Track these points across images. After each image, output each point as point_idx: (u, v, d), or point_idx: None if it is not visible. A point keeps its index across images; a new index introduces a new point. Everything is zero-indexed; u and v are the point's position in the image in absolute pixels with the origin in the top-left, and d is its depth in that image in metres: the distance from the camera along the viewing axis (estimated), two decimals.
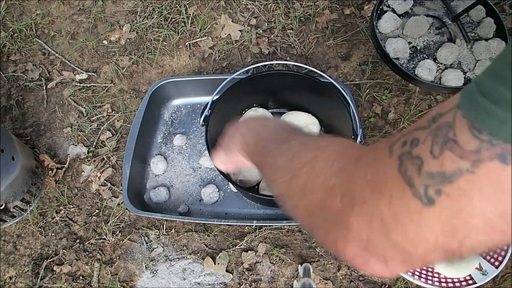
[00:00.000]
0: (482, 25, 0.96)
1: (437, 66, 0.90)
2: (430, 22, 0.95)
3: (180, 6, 1.51)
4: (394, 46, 0.90)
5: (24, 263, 1.14)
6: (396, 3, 0.97)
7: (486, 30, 0.95)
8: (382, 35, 0.94)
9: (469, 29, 0.95)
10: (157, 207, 1.18)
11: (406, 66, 0.91)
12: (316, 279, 1.05)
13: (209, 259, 1.09)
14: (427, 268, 1.01)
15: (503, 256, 0.99)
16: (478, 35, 0.95)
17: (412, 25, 0.93)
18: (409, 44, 0.93)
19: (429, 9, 0.97)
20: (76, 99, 1.39)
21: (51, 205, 1.21)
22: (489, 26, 0.96)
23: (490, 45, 0.92)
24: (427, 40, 0.94)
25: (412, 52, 0.92)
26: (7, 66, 1.48)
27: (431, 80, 0.88)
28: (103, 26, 1.53)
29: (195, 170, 1.22)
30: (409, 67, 0.91)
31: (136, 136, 1.15)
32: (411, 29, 0.93)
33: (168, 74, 1.41)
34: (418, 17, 0.94)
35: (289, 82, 1.09)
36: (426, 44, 0.93)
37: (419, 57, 0.92)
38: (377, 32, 0.93)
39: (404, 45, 0.91)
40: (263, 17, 1.48)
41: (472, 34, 0.95)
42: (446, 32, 0.94)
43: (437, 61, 0.91)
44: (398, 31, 0.95)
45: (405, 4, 0.97)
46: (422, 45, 0.93)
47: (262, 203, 1.14)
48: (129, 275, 1.11)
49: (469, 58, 0.91)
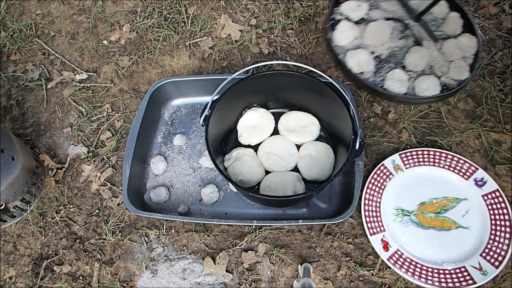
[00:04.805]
0: (447, 21, 0.84)
1: (408, 75, 0.78)
2: (392, 26, 0.82)
3: (180, 6, 1.51)
4: (356, 59, 0.78)
5: (24, 263, 1.14)
6: (349, 10, 0.83)
7: (453, 27, 0.84)
8: (339, 48, 0.80)
9: (434, 28, 0.84)
10: (157, 207, 1.18)
11: (373, 80, 0.78)
12: (316, 279, 1.05)
13: (209, 259, 1.09)
14: (427, 268, 1.01)
15: (503, 256, 0.99)
16: (445, 33, 0.84)
17: (373, 32, 0.80)
18: (372, 54, 0.80)
19: (387, 12, 0.84)
20: (76, 99, 1.39)
21: (51, 205, 1.21)
22: (455, 22, 0.84)
23: (460, 42, 0.81)
24: (391, 46, 0.81)
25: (377, 63, 0.79)
26: (7, 66, 1.48)
27: (404, 92, 0.76)
28: (103, 26, 1.53)
29: (195, 170, 1.22)
30: (376, 81, 0.78)
31: (136, 136, 1.15)
32: (372, 37, 0.80)
33: (168, 74, 1.41)
34: (377, 22, 0.81)
35: (289, 82, 1.09)
36: (391, 51, 0.81)
37: (386, 68, 0.79)
38: (333, 45, 0.80)
39: (367, 57, 0.78)
40: (263, 17, 1.48)
41: (438, 33, 0.83)
42: (411, 34, 0.82)
43: (406, 69, 0.79)
44: (357, 41, 0.81)
45: (359, 9, 0.83)
46: (386, 53, 0.81)
47: (262, 203, 1.14)
48: (129, 275, 1.11)
49: (441, 61, 0.80)
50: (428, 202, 1.09)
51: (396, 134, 1.22)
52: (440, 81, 0.77)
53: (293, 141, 1.16)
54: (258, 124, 1.19)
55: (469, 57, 0.79)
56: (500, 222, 1.03)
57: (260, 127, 1.19)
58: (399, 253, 1.03)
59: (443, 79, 0.78)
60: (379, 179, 1.12)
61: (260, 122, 1.19)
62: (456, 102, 1.25)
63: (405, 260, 1.02)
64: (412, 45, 0.82)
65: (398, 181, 1.12)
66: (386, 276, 1.04)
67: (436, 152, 1.13)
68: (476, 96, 1.25)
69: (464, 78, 0.76)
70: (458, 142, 1.18)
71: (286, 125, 1.18)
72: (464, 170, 1.10)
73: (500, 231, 1.02)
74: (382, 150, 1.20)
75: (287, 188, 1.08)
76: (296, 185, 1.08)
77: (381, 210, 1.09)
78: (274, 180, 1.10)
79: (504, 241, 1.01)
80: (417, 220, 1.08)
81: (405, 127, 1.22)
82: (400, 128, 1.23)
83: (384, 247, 1.04)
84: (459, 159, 1.11)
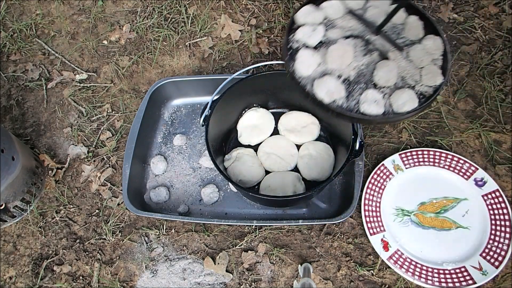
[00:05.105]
0: (408, 27, 0.79)
1: (381, 93, 0.73)
2: (353, 43, 0.77)
3: (180, 6, 1.51)
4: (325, 88, 0.72)
5: (24, 263, 1.14)
6: (306, 36, 0.78)
7: (414, 31, 0.79)
8: (305, 79, 0.74)
9: (396, 36, 0.79)
10: (157, 207, 1.18)
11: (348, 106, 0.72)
12: (316, 279, 1.05)
13: (209, 259, 1.09)
14: (427, 268, 1.01)
15: (503, 256, 0.99)
16: (408, 39, 0.79)
17: (335, 55, 0.75)
18: (340, 78, 0.74)
19: (345, 29, 0.79)
20: (76, 99, 1.39)
21: (51, 205, 1.21)
22: (416, 25, 0.79)
23: (425, 46, 0.77)
24: (357, 66, 0.75)
25: (347, 87, 0.73)
26: (7, 66, 1.48)
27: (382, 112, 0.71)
28: (103, 26, 1.53)
29: (195, 170, 1.22)
30: (351, 106, 0.72)
31: (136, 136, 1.15)
32: (336, 60, 0.75)
33: (168, 74, 1.41)
34: (338, 44, 0.76)
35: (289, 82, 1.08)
36: (358, 71, 0.75)
37: (357, 90, 0.73)
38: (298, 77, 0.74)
39: (336, 82, 0.73)
40: (263, 17, 1.48)
41: (401, 40, 0.78)
42: (374, 49, 0.77)
43: (378, 87, 0.74)
44: (321, 67, 0.75)
45: (316, 33, 0.78)
46: (354, 73, 0.75)
47: (262, 203, 1.14)
48: (129, 275, 1.11)
49: (411, 69, 0.75)
50: (428, 202, 1.09)
51: (396, 134, 1.22)
52: (416, 91, 0.72)
53: (293, 141, 1.16)
54: (258, 124, 1.19)
55: (438, 59, 0.76)
56: (500, 222, 1.03)
57: (260, 127, 1.19)
58: (399, 253, 1.03)
59: (418, 88, 0.72)
60: (379, 179, 1.12)
61: (260, 122, 1.19)
62: (456, 102, 1.25)
63: (405, 260, 1.02)
64: (378, 59, 0.75)
65: (398, 181, 1.12)
66: (386, 276, 1.04)
67: (436, 152, 1.13)
68: (476, 96, 1.25)
69: (439, 82, 0.72)
70: (458, 142, 1.18)
71: (286, 125, 1.18)
72: (464, 170, 1.10)
73: (500, 231, 1.02)
74: (382, 150, 1.20)
75: (287, 188, 1.08)
76: (296, 185, 1.08)
77: (381, 210, 1.09)
78: (274, 180, 1.10)
79: (504, 241, 1.01)
80: (417, 220, 1.08)
81: (405, 127, 1.22)
82: (400, 128, 1.23)
83: (384, 247, 1.04)
84: (459, 159, 1.11)
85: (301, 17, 0.79)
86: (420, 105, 0.70)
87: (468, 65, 1.30)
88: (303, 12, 0.80)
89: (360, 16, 0.77)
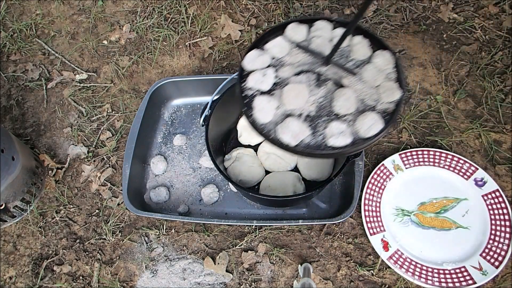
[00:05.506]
0: (354, 48, 0.78)
1: (345, 122, 0.71)
2: (306, 78, 0.75)
3: (180, 6, 1.51)
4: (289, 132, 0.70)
5: (24, 263, 1.14)
6: (258, 83, 0.75)
7: (362, 51, 0.77)
8: (267, 126, 0.72)
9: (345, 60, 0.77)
10: (157, 207, 1.18)
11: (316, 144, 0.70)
12: (316, 279, 1.05)
13: (209, 259, 1.09)
14: (427, 268, 1.01)
15: (503, 256, 0.99)
16: (357, 59, 0.77)
17: (290, 95, 0.73)
18: (301, 116, 0.72)
19: (295, 65, 0.77)
20: (76, 99, 1.39)
21: (51, 205, 1.21)
22: (362, 45, 0.78)
23: (376, 63, 0.75)
24: (315, 100, 0.73)
25: (310, 123, 0.71)
26: (7, 66, 1.48)
27: (350, 141, 0.69)
28: (103, 26, 1.53)
29: (195, 170, 1.22)
30: (319, 142, 0.70)
31: (136, 136, 1.15)
32: (292, 100, 0.73)
33: (168, 74, 1.41)
34: (290, 85, 0.74)
35: None
36: (317, 105, 0.73)
37: (321, 124, 0.71)
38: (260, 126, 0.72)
39: (297, 122, 0.71)
40: (263, 17, 1.48)
41: (352, 63, 0.76)
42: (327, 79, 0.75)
43: (341, 116, 0.71)
44: (280, 110, 0.73)
45: (267, 78, 0.75)
46: (314, 108, 0.73)
47: (262, 203, 1.14)
48: (129, 275, 1.11)
49: (368, 90, 0.74)
50: (428, 202, 1.09)
51: (396, 134, 1.22)
52: (378, 111, 0.71)
53: None
54: None
55: (391, 73, 0.75)
56: (500, 222, 1.03)
57: None
58: (399, 253, 1.03)
59: (380, 107, 0.71)
60: (379, 179, 1.12)
61: None
62: (456, 102, 1.25)
63: (405, 260, 1.02)
64: (334, 88, 0.74)
65: (398, 181, 1.12)
66: (386, 276, 1.04)
67: (436, 152, 1.13)
68: (476, 96, 1.25)
69: (398, 97, 0.72)
70: (458, 142, 1.18)
71: None
72: (464, 170, 1.10)
73: (500, 231, 1.02)
74: (382, 150, 1.20)
75: (287, 188, 1.08)
76: (296, 185, 1.08)
77: (381, 210, 1.09)
78: (274, 180, 1.10)
79: (504, 241, 1.01)
80: (417, 220, 1.08)
81: (405, 127, 1.22)
82: (400, 128, 1.23)
83: (384, 247, 1.04)
84: (459, 159, 1.11)
85: (248, 64, 0.77)
86: (386, 124, 0.69)
87: (468, 65, 1.30)
88: (249, 59, 0.78)
89: (307, 48, 0.76)
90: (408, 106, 1.25)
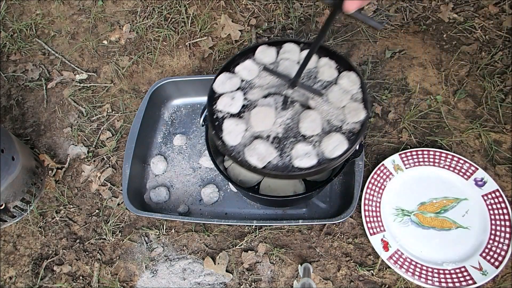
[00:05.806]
0: (321, 69, 0.79)
1: (310, 143, 0.72)
2: (273, 101, 0.76)
3: (180, 6, 1.51)
4: (255, 154, 0.71)
5: (24, 263, 1.14)
6: (227, 106, 0.77)
7: (328, 73, 0.78)
8: (236, 148, 0.73)
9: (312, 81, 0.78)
10: (157, 207, 1.18)
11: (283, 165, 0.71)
12: (316, 279, 1.05)
13: (209, 259, 1.09)
14: (427, 268, 1.01)
15: (503, 256, 0.99)
16: (325, 81, 0.78)
17: (258, 118, 0.74)
18: (268, 138, 0.73)
19: (263, 88, 0.78)
20: (76, 99, 1.39)
21: (51, 205, 1.22)
22: (328, 66, 0.79)
23: (342, 85, 0.76)
24: (282, 121, 0.74)
25: (277, 145, 0.72)
26: (7, 66, 1.48)
27: (316, 162, 0.70)
28: (103, 26, 1.53)
29: (195, 170, 1.22)
30: (286, 163, 0.71)
31: (136, 136, 1.15)
32: (260, 122, 0.74)
33: (168, 74, 1.41)
34: (258, 107, 0.75)
35: None
36: (284, 126, 0.74)
37: (288, 145, 0.72)
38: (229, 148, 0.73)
39: (265, 144, 0.72)
40: (263, 17, 1.48)
41: (319, 84, 0.78)
42: (294, 100, 0.76)
43: (307, 137, 0.73)
44: (248, 132, 0.74)
45: (236, 101, 0.77)
46: (281, 130, 0.74)
47: (262, 203, 1.14)
48: (129, 275, 1.11)
49: (334, 111, 0.75)
50: (428, 202, 1.09)
51: (396, 134, 1.22)
52: (344, 131, 0.72)
53: None
54: None
55: (357, 93, 0.76)
56: (500, 222, 1.03)
57: None
58: (399, 253, 1.03)
59: (346, 127, 0.73)
60: (379, 179, 1.12)
61: None
62: (456, 102, 1.25)
63: (405, 260, 1.02)
64: (301, 110, 0.75)
65: (398, 181, 1.12)
66: (386, 276, 1.04)
67: (436, 152, 1.13)
68: (476, 96, 1.25)
69: (363, 117, 0.73)
70: (458, 142, 1.18)
71: None
72: (464, 170, 1.10)
73: (500, 231, 1.02)
74: (382, 150, 1.20)
75: (287, 188, 1.08)
76: (296, 185, 1.08)
77: (381, 210, 1.09)
78: (274, 180, 1.10)
79: (504, 241, 1.01)
80: (417, 220, 1.08)
81: (405, 127, 1.22)
82: (400, 128, 1.23)
83: (384, 247, 1.04)
84: (459, 159, 1.11)
85: (218, 87, 0.79)
86: (351, 144, 0.70)
87: (468, 65, 1.30)
88: (219, 82, 0.80)
89: (275, 72, 0.77)
90: (408, 106, 1.25)
